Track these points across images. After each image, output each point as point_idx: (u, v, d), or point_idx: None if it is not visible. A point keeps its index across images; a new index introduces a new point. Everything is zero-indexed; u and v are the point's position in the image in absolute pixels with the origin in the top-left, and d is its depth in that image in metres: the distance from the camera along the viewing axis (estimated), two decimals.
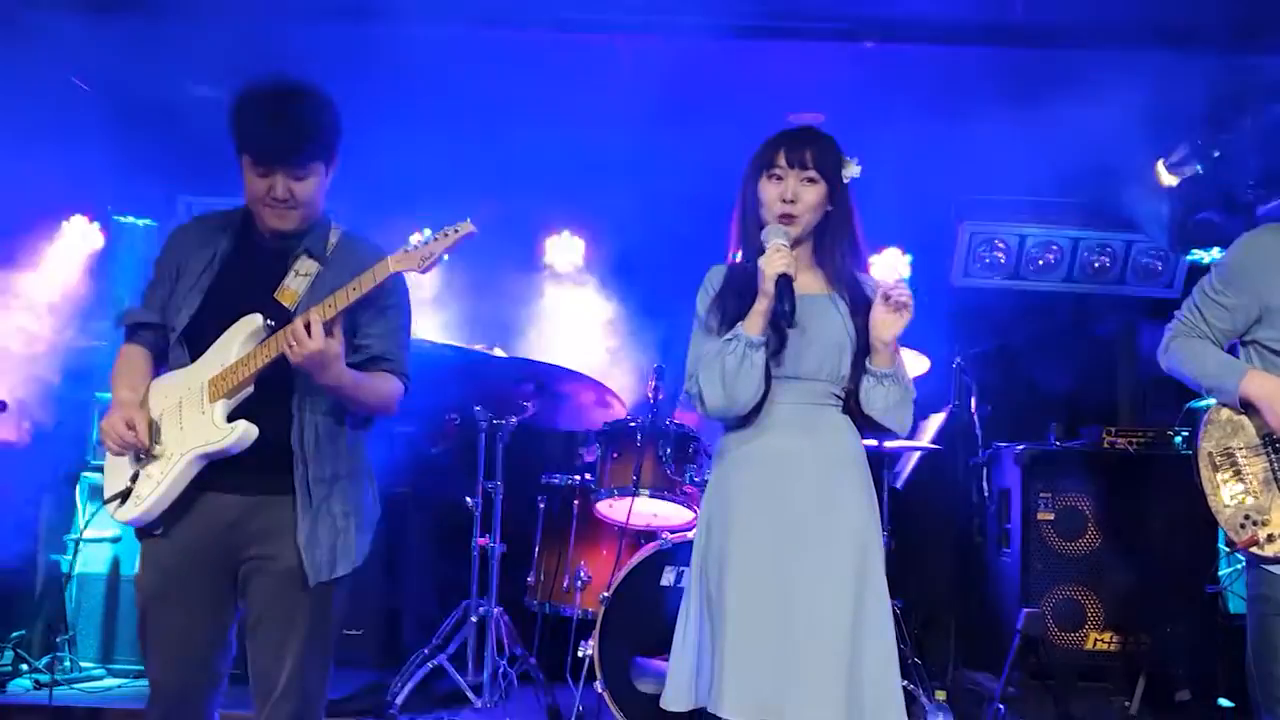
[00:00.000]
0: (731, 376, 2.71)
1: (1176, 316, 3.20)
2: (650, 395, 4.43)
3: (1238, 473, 3.01)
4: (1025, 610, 4.31)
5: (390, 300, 2.90)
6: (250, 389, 2.77)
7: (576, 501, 4.65)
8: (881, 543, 2.82)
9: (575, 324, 5.65)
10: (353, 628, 5.15)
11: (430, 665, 4.46)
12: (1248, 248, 3.10)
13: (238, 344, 2.78)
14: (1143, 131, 4.78)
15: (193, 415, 2.77)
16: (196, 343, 2.83)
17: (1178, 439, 4.58)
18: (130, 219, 5.76)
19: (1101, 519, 4.52)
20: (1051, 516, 4.52)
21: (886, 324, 2.72)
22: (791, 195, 2.77)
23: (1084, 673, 4.44)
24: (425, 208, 5.70)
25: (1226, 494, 3.00)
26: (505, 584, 4.76)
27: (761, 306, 2.70)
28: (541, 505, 4.78)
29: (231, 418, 2.75)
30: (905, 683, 4.51)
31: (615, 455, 4.45)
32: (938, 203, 5.68)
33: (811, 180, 2.78)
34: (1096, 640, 4.46)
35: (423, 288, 5.70)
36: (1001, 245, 5.72)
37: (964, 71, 4.67)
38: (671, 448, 4.34)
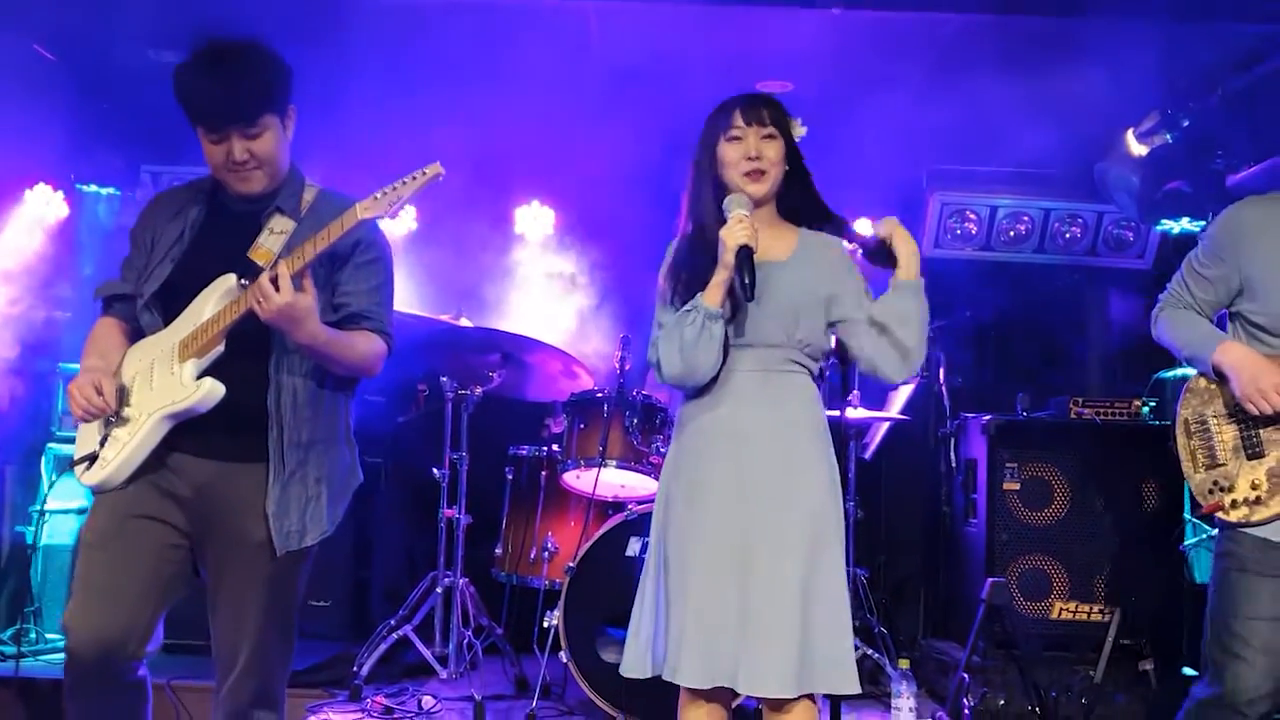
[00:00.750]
0: (690, 347, 2.70)
1: (1167, 288, 3.25)
2: (617, 366, 4.42)
3: (1209, 440, 3.06)
4: (990, 580, 4.31)
5: (368, 256, 2.85)
6: (220, 348, 2.72)
7: (544, 473, 4.63)
8: (841, 513, 2.80)
9: (544, 295, 5.63)
10: (321, 599, 5.15)
11: (395, 636, 4.46)
12: (1229, 220, 3.12)
13: (211, 304, 2.73)
14: (1113, 101, 4.77)
15: (162, 376, 2.73)
16: (170, 307, 2.79)
17: (1145, 409, 4.59)
18: (94, 188, 5.70)
19: (1067, 489, 4.52)
20: (1017, 487, 4.52)
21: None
22: (755, 152, 2.76)
23: (1049, 642, 4.44)
24: (393, 178, 5.67)
25: (1199, 460, 3.07)
26: (474, 556, 4.76)
27: (721, 278, 2.68)
28: (509, 476, 4.77)
29: (203, 377, 2.70)
30: (871, 651, 4.55)
31: (582, 426, 4.43)
32: (909, 173, 5.66)
33: (771, 136, 2.78)
34: (1062, 610, 4.47)
35: (398, 257, 5.68)
36: (973, 216, 5.71)
37: (934, 39, 4.64)
38: (638, 418, 4.32)
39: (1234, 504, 2.97)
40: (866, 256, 2.85)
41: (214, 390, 2.68)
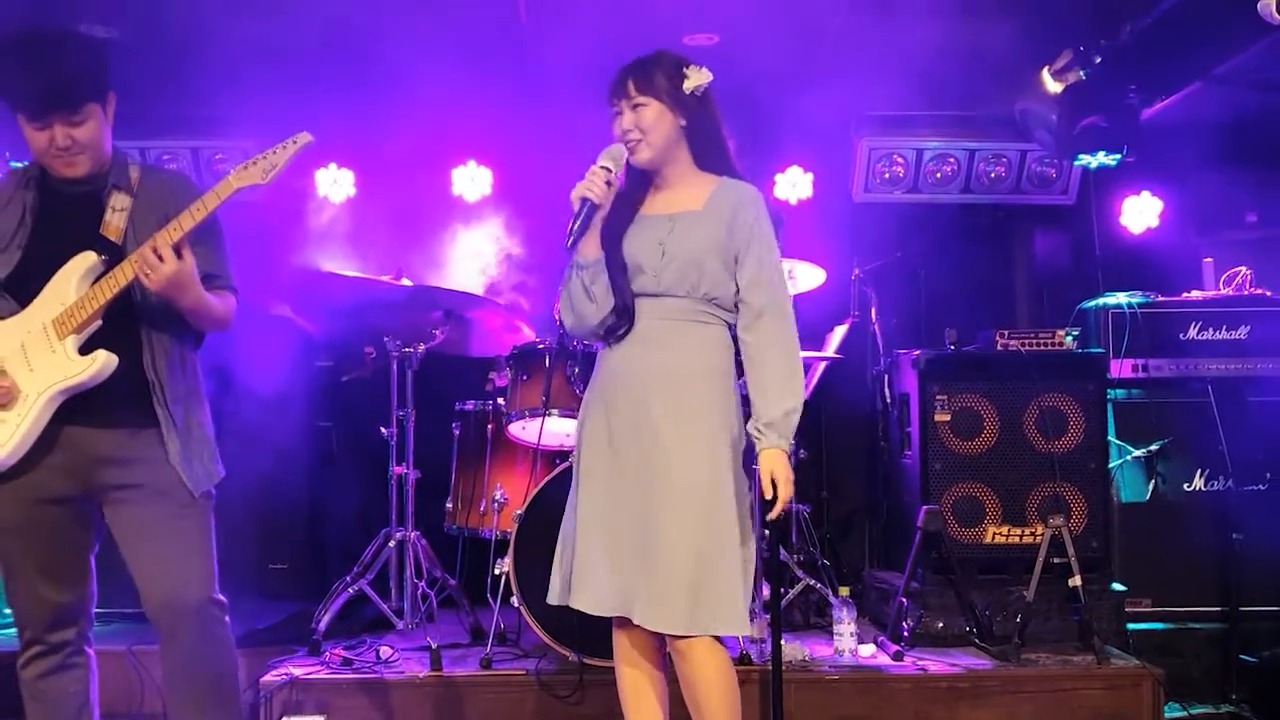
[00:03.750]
0: (572, 298, 2.97)
1: None
2: (557, 317, 4.49)
3: None
4: (924, 507, 4.48)
5: (205, 222, 2.95)
6: (99, 323, 2.85)
7: (490, 426, 4.72)
8: (733, 459, 2.92)
9: (484, 251, 5.69)
10: (279, 562, 5.24)
11: (351, 592, 4.54)
12: None
13: (75, 282, 2.86)
14: (1030, 40, 4.89)
15: (41, 355, 2.84)
16: (23, 291, 2.89)
17: (1069, 338, 4.74)
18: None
19: (996, 418, 4.67)
20: (948, 418, 4.67)
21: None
22: (628, 125, 2.92)
23: (983, 565, 4.62)
24: (333, 144, 5.71)
25: None
26: (427, 512, 4.85)
27: (577, 227, 2.88)
28: (456, 432, 4.86)
29: (84, 351, 2.83)
30: (815, 584, 4.70)
31: (525, 378, 4.52)
32: (837, 120, 5.76)
33: (640, 105, 2.91)
34: (995, 534, 4.64)
35: (338, 222, 5.74)
36: (900, 160, 5.82)
37: None
38: (579, 367, 4.40)
39: None
40: None
41: (109, 362, 2.83)
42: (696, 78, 2.92)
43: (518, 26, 4.98)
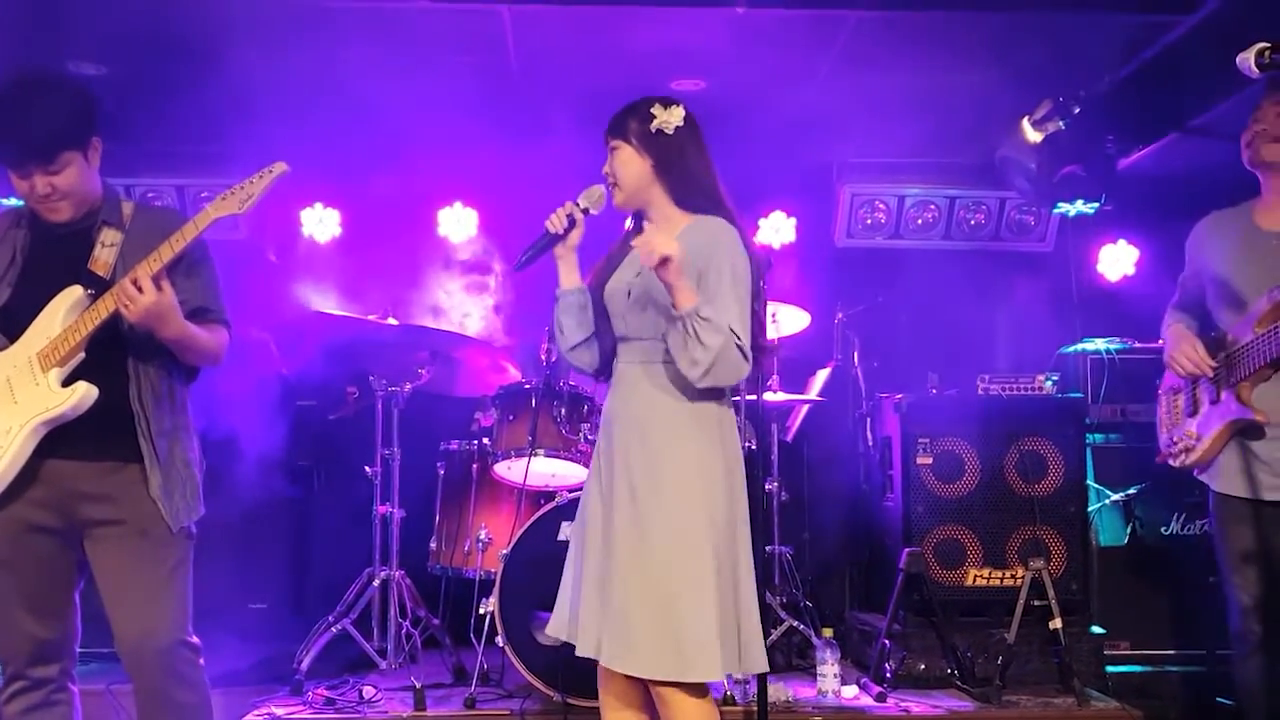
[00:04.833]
0: (555, 325, 3.05)
1: None
2: (543, 357, 4.54)
3: (1168, 405, 3.81)
4: (906, 549, 4.52)
5: (197, 256, 3.01)
6: (82, 355, 2.87)
7: (475, 465, 4.74)
8: (702, 497, 2.82)
9: (469, 292, 5.74)
10: (258, 602, 5.21)
11: (334, 630, 4.53)
12: (1191, 234, 3.87)
13: (61, 315, 2.88)
14: (1010, 90, 4.99)
15: (25, 388, 2.86)
16: (12, 326, 2.92)
17: (1049, 382, 4.80)
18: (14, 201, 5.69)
19: (977, 462, 4.72)
20: (930, 461, 4.72)
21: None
22: (606, 170, 2.99)
23: (965, 608, 4.65)
24: (319, 183, 5.75)
25: (1164, 422, 3.81)
26: (410, 551, 4.85)
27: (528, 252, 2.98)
28: (441, 471, 4.87)
29: (67, 383, 2.85)
30: (798, 625, 4.72)
31: (511, 418, 4.55)
32: (820, 166, 5.85)
33: (615, 148, 2.96)
34: (976, 576, 4.68)
35: (321, 258, 5.77)
36: (882, 206, 5.92)
37: (834, 38, 4.80)
38: (565, 408, 4.44)
39: (1185, 451, 3.65)
40: None
41: (89, 394, 2.84)
42: (663, 116, 2.89)
43: (507, 71, 5.03)
